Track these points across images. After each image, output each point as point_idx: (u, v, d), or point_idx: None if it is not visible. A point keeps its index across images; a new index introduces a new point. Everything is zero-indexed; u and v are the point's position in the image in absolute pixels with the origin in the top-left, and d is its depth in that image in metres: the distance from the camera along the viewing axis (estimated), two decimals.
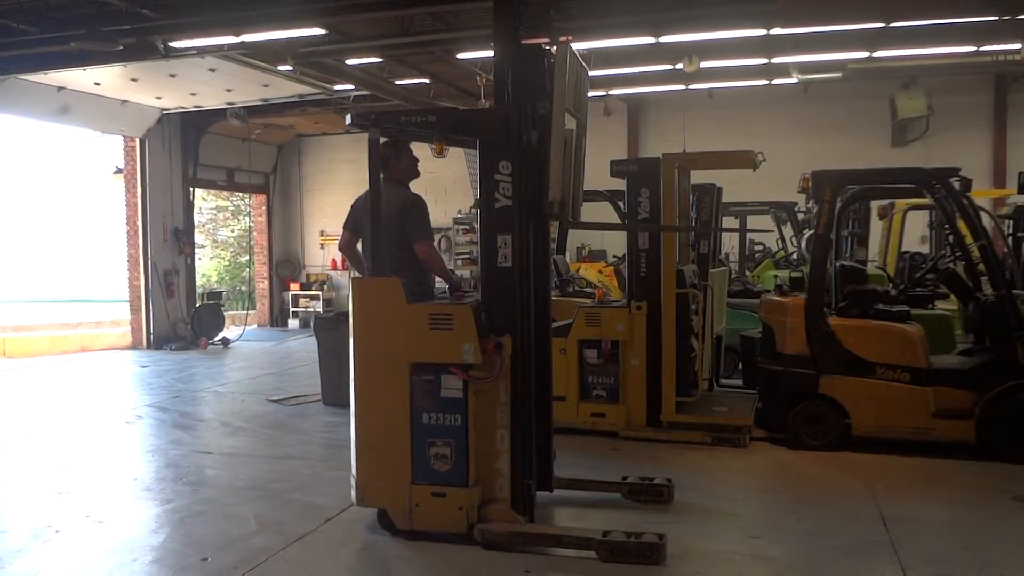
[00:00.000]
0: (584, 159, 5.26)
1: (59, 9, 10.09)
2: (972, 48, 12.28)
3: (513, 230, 4.77)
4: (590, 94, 5.91)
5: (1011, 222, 9.57)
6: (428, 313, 4.82)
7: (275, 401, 9.85)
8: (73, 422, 8.89)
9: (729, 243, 13.27)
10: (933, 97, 14.94)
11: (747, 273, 12.89)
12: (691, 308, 7.58)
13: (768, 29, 10.91)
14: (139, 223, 15.52)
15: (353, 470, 5.00)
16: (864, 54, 12.65)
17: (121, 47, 10.14)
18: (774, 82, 14.45)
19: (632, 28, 10.85)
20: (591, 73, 5.59)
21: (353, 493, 5.02)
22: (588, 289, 10.75)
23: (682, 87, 14.73)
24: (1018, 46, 11.16)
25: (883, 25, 11.12)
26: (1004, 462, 6.48)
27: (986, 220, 8.13)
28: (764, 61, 13.08)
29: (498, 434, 4.84)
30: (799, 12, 9.99)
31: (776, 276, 10.68)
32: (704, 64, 12.53)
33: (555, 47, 4.76)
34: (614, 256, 14.60)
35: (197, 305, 16.22)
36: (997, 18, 10.87)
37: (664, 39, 11.15)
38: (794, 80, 13.86)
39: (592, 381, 7.60)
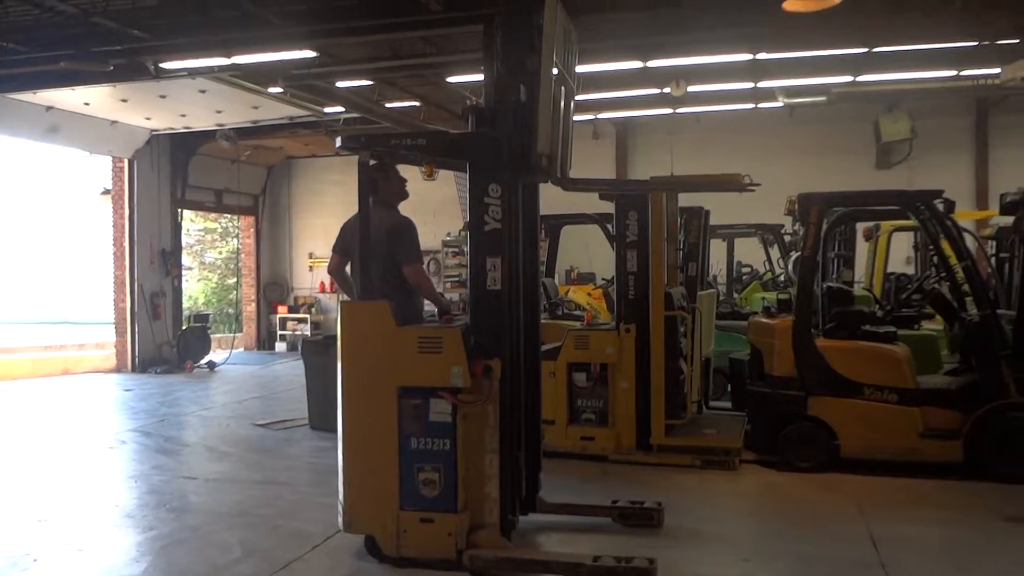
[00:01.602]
0: (572, 123, 5.23)
1: (49, 28, 10.08)
2: (953, 73, 12.44)
3: (503, 253, 4.77)
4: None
5: (994, 243, 9.66)
6: (417, 336, 4.80)
7: (261, 425, 9.78)
8: (54, 447, 8.80)
9: (717, 265, 13.31)
10: (916, 120, 15.10)
11: (735, 295, 12.94)
12: (680, 330, 7.59)
13: (754, 54, 11.02)
14: (126, 244, 15.45)
15: (340, 496, 4.96)
16: (848, 78, 12.78)
17: (111, 67, 10.14)
18: (760, 106, 14.57)
19: (620, 52, 10.94)
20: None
21: (340, 519, 4.97)
22: (577, 312, 10.76)
23: (670, 111, 14.83)
24: (997, 71, 11.31)
25: (866, 50, 11.26)
26: (992, 482, 6.51)
27: (970, 241, 8.19)
28: (750, 85, 13.20)
29: (487, 459, 4.81)
30: (784, 37, 10.10)
31: (764, 298, 10.71)
32: (691, 88, 12.63)
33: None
34: (603, 279, 14.61)
35: (183, 328, 16.13)
36: (977, 43, 11.03)
37: (652, 64, 11.25)
38: (780, 104, 13.99)
39: (581, 404, 7.59)
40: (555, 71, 4.77)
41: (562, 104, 4.97)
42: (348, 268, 5.87)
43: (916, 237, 11.82)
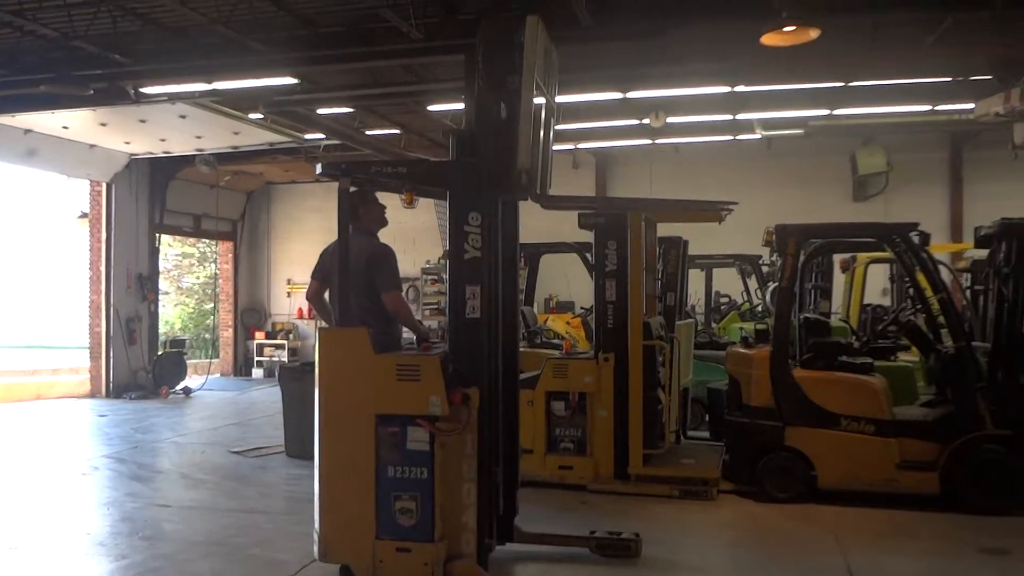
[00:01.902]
0: (552, 141, 5.26)
1: (30, 52, 10.06)
2: (928, 107, 12.67)
3: (482, 281, 4.77)
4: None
5: (969, 276, 9.78)
6: (395, 364, 4.78)
7: (237, 452, 9.67)
8: (26, 473, 8.65)
9: (695, 295, 13.37)
10: (892, 154, 15.33)
11: (713, 325, 12.99)
12: (658, 360, 7.60)
13: (732, 87, 11.17)
14: (102, 268, 15.31)
15: (316, 524, 4.90)
16: (825, 112, 12.98)
17: (91, 91, 10.11)
18: (738, 138, 14.75)
19: (600, 84, 11.07)
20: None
21: (315, 548, 4.91)
22: (556, 340, 10.76)
23: (649, 142, 14.97)
24: (971, 105, 11.52)
25: (843, 84, 11.44)
26: (969, 514, 6.53)
27: (945, 273, 8.29)
28: (729, 117, 13.37)
29: (464, 487, 4.78)
30: (762, 70, 10.25)
31: (742, 328, 10.76)
32: (670, 119, 12.78)
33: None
34: (581, 307, 14.64)
35: (159, 353, 15.97)
36: (951, 79, 11.24)
37: (631, 95, 11.38)
38: (758, 136, 14.17)
39: (560, 433, 7.57)
40: (535, 89, 4.80)
41: (542, 122, 4.99)
42: (327, 295, 5.85)
43: (892, 269, 11.94)
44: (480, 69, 4.97)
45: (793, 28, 7.60)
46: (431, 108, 12.78)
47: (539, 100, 4.95)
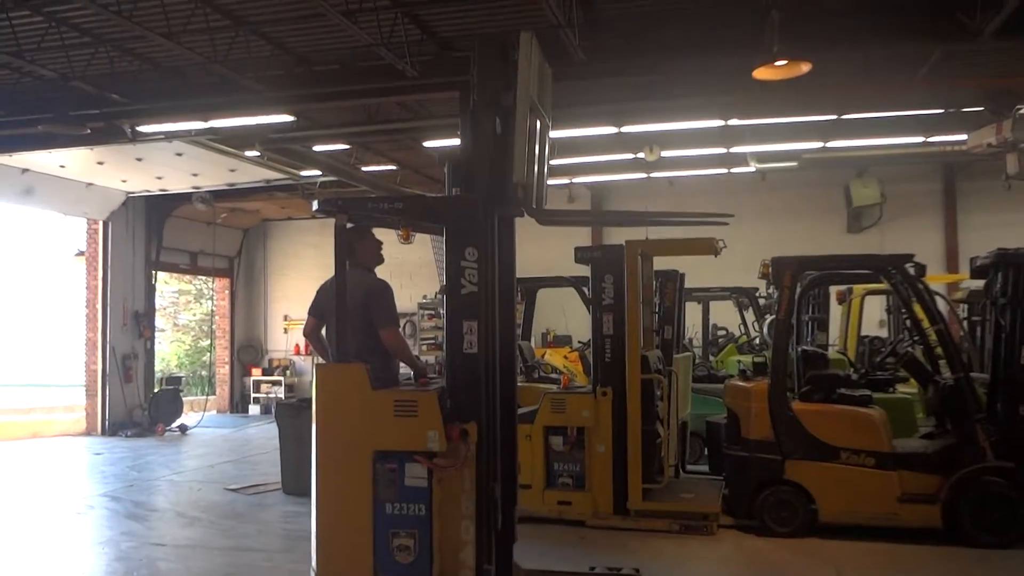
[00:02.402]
0: (547, 156, 5.27)
1: (28, 92, 10.13)
2: (921, 139, 12.77)
3: (479, 316, 4.77)
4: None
5: (966, 306, 9.79)
6: (393, 400, 4.76)
7: (233, 490, 9.59)
8: (21, 512, 8.57)
9: (693, 328, 13.37)
10: (886, 185, 15.41)
11: (711, 358, 12.97)
12: (656, 394, 7.58)
13: (726, 120, 11.27)
14: (99, 306, 15.31)
15: (313, 562, 4.84)
16: (818, 144, 13.07)
17: (88, 130, 10.18)
18: (733, 170, 14.84)
19: (595, 118, 11.16)
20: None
21: None
22: (553, 375, 10.73)
23: (644, 175, 15.05)
24: (963, 137, 11.61)
25: (835, 117, 11.54)
26: (971, 547, 6.47)
27: (942, 304, 8.30)
28: (723, 151, 13.47)
29: (463, 524, 4.73)
30: (755, 104, 10.34)
31: (739, 361, 10.76)
32: (665, 153, 12.87)
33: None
34: (579, 341, 14.62)
35: (155, 390, 15.91)
36: (943, 111, 11.35)
37: (626, 129, 11.46)
38: (752, 169, 14.25)
39: (558, 468, 7.52)
40: (530, 107, 4.83)
41: (537, 137, 5.02)
42: (324, 331, 5.84)
43: (889, 300, 11.96)
44: (475, 86, 5.01)
45: (785, 62, 7.69)
46: (427, 144, 12.86)
47: (534, 117, 4.99)
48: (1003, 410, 6.78)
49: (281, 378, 19.02)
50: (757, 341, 12.61)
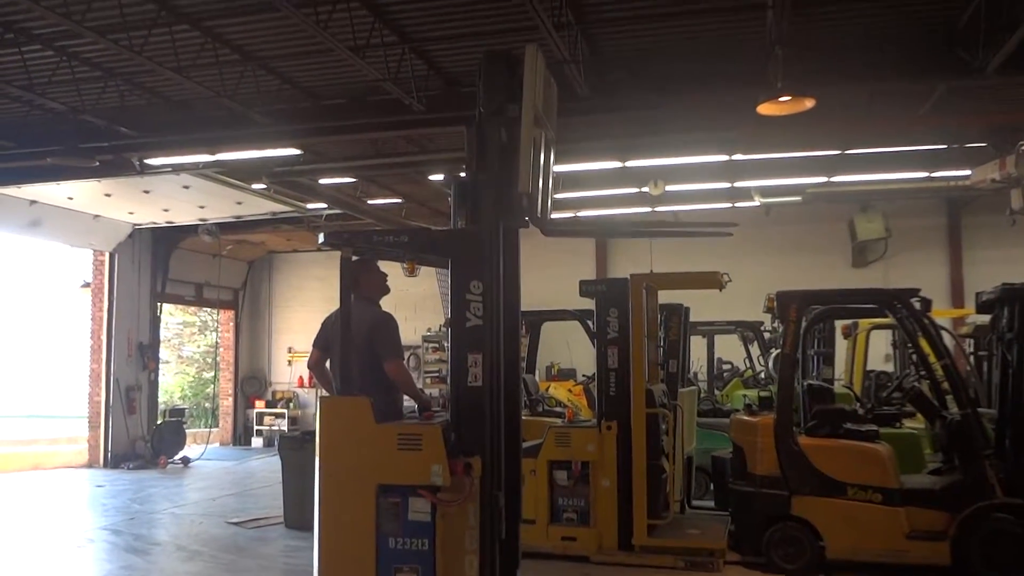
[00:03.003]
0: (551, 169, 5.28)
1: (37, 125, 10.23)
2: (925, 174, 12.81)
3: (484, 349, 4.76)
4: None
5: (972, 341, 9.75)
6: (397, 433, 4.73)
7: (235, 523, 9.53)
8: (20, 545, 8.51)
9: (698, 362, 13.32)
10: (890, 220, 15.42)
11: (716, 392, 12.91)
12: (662, 428, 7.54)
13: (730, 155, 11.32)
14: (104, 337, 15.32)
15: None
16: (823, 179, 13.12)
17: (97, 163, 10.26)
18: (737, 205, 14.87)
19: (600, 153, 11.23)
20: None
21: None
22: (558, 409, 10.68)
23: (648, 209, 15.09)
24: (967, 172, 11.64)
25: (839, 152, 11.59)
26: None
27: (947, 339, 8.27)
28: (727, 185, 13.51)
29: (466, 560, 4.68)
30: (759, 139, 10.40)
31: (745, 395, 10.70)
32: (669, 188, 12.91)
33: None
34: (583, 375, 14.58)
35: (158, 422, 15.87)
36: (946, 146, 11.39)
37: (630, 163, 11.52)
38: (756, 203, 14.29)
39: (562, 503, 7.47)
40: (535, 121, 4.86)
41: (542, 149, 5.04)
42: (328, 363, 5.83)
43: (895, 335, 11.92)
44: (481, 98, 5.05)
45: (789, 98, 7.74)
46: (432, 178, 12.93)
47: (538, 129, 5.02)
48: (1011, 446, 6.72)
49: (284, 410, 18.97)
50: (762, 375, 12.56)
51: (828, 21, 7.99)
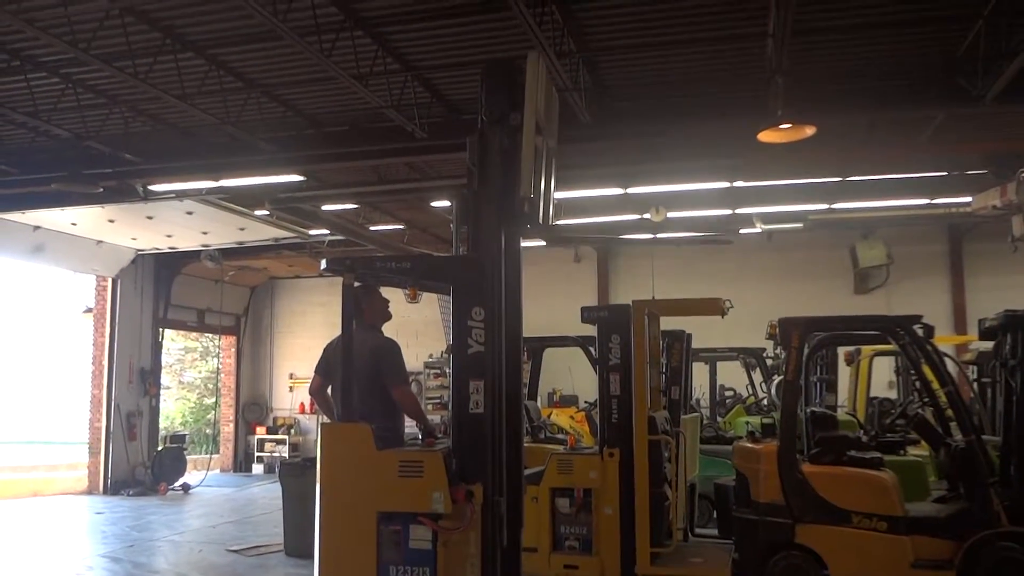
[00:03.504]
0: (553, 178, 5.29)
1: (42, 151, 10.30)
2: (926, 201, 12.84)
3: (486, 376, 4.75)
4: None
5: (975, 368, 9.71)
6: (398, 460, 4.71)
7: (235, 551, 9.46)
8: (17, 574, 8.44)
9: (700, 389, 13.28)
10: (892, 246, 15.44)
11: (719, 419, 12.86)
12: (664, 455, 7.49)
13: (731, 182, 11.36)
14: (105, 363, 15.31)
15: None
16: (824, 206, 13.15)
17: (101, 189, 10.31)
18: (739, 231, 14.89)
19: (602, 179, 11.28)
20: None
21: None
22: (560, 435, 10.63)
23: (650, 236, 15.12)
24: (968, 199, 11.67)
25: (840, 179, 11.63)
26: None
27: (951, 366, 8.24)
28: (728, 212, 13.54)
29: None
30: (760, 166, 10.44)
31: (748, 422, 10.65)
32: (671, 214, 12.95)
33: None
34: (585, 402, 14.54)
35: (159, 448, 15.81)
36: (947, 173, 11.43)
37: (632, 190, 11.56)
38: (758, 230, 14.32)
39: (565, 531, 7.40)
40: (536, 130, 4.88)
41: (544, 156, 5.06)
42: (330, 390, 5.82)
43: (898, 362, 11.88)
44: (483, 106, 5.07)
45: (789, 126, 7.77)
46: (434, 204, 12.98)
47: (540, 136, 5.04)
48: (1016, 474, 6.68)
49: (285, 437, 18.90)
50: (765, 402, 12.52)
51: (828, 50, 8.05)
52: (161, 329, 16.66)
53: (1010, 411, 6.87)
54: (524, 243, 5.20)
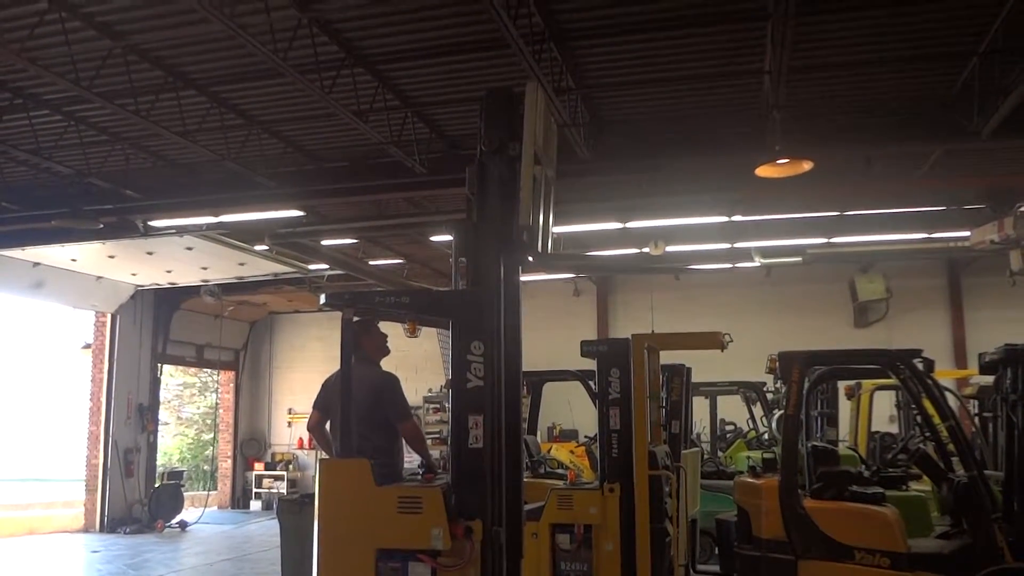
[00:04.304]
0: (551, 208, 5.30)
1: (43, 188, 10.34)
2: (924, 235, 12.87)
3: (485, 410, 4.73)
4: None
5: (976, 402, 9.67)
6: (397, 496, 4.68)
7: None
8: None
9: (700, 423, 13.22)
10: (891, 280, 15.47)
11: (720, 454, 12.79)
12: (665, 490, 7.44)
13: (730, 216, 11.41)
14: (103, 399, 15.25)
15: None
16: (823, 240, 13.19)
17: (101, 225, 10.34)
18: (737, 265, 14.93)
19: (600, 214, 11.33)
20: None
21: None
22: (560, 470, 10.56)
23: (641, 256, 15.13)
24: (966, 233, 11.70)
25: (839, 213, 11.68)
26: None
27: (952, 400, 8.21)
28: (727, 246, 13.58)
29: None
30: (759, 200, 10.49)
31: (749, 457, 10.59)
32: (669, 248, 12.97)
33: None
34: (585, 436, 14.47)
35: (156, 485, 15.69)
36: (945, 208, 11.48)
37: (631, 224, 11.61)
38: (756, 264, 14.34)
39: (565, 568, 7.31)
40: (535, 160, 4.91)
41: (543, 186, 5.07)
42: (328, 425, 5.79)
43: (898, 396, 11.84)
44: (482, 136, 5.10)
45: (787, 161, 7.82)
46: (434, 238, 13.02)
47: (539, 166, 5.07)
48: (1019, 508, 6.62)
49: (284, 472, 18.77)
50: (766, 436, 12.46)
51: (825, 86, 8.12)
52: (160, 365, 16.61)
53: (1012, 445, 6.82)
54: (523, 276, 5.21)
